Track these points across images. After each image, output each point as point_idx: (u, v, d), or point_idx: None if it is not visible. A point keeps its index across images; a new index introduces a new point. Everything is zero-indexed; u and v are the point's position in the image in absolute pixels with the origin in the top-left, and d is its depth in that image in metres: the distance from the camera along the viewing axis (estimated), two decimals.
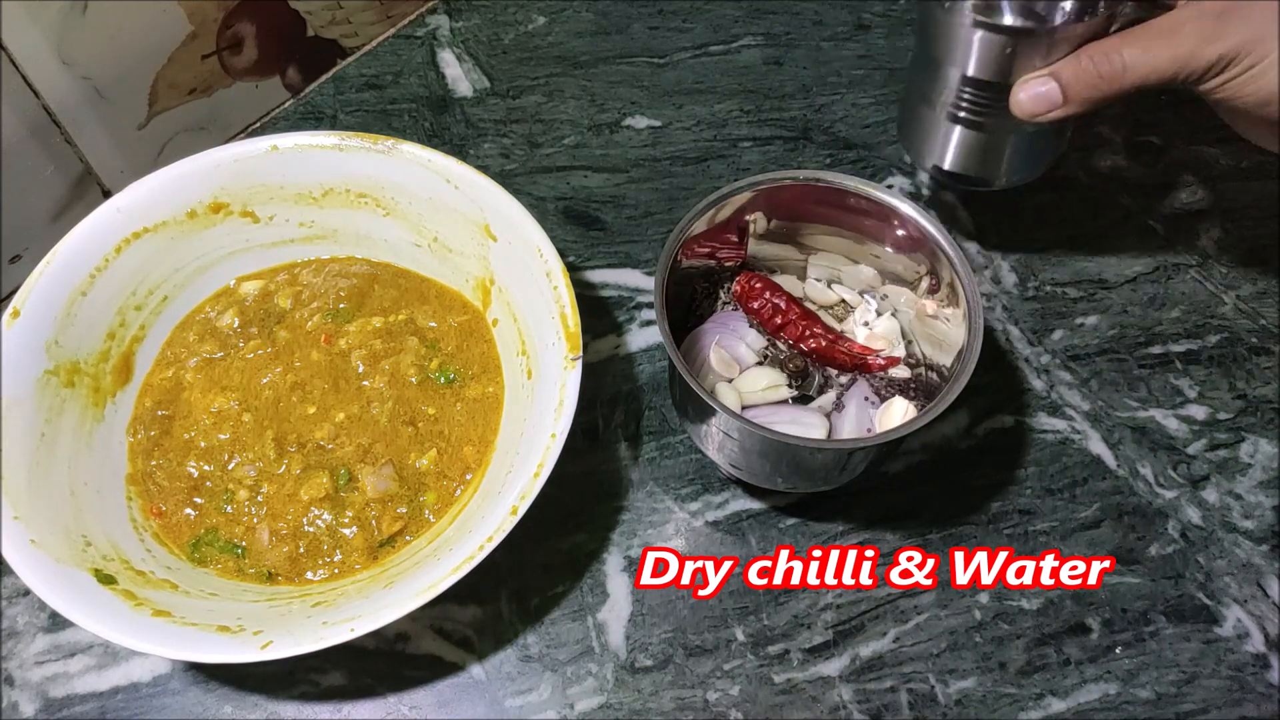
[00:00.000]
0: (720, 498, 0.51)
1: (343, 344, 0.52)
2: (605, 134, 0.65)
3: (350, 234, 0.55)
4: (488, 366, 0.52)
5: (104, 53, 0.57)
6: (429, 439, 0.50)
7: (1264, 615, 0.48)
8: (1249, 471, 0.52)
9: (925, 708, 0.46)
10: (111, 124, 0.60)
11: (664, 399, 0.54)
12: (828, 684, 0.46)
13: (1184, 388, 0.54)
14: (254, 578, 0.47)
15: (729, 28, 0.70)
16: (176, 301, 0.53)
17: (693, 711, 0.46)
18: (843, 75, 0.67)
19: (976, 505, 0.51)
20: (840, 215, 0.49)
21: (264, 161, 0.52)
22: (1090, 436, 0.53)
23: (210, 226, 0.53)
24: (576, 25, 0.70)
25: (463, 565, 0.41)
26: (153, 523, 0.48)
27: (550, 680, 0.47)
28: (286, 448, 0.49)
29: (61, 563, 0.42)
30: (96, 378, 0.50)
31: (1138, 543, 0.50)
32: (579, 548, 0.50)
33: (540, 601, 0.49)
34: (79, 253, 0.49)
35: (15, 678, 0.47)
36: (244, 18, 0.63)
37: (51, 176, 0.59)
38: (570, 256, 0.59)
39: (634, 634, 0.48)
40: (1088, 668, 0.47)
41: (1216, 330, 0.56)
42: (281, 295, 0.54)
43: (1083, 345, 0.56)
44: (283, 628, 0.41)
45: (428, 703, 0.46)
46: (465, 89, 0.67)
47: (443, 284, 0.55)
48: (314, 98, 0.67)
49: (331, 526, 0.47)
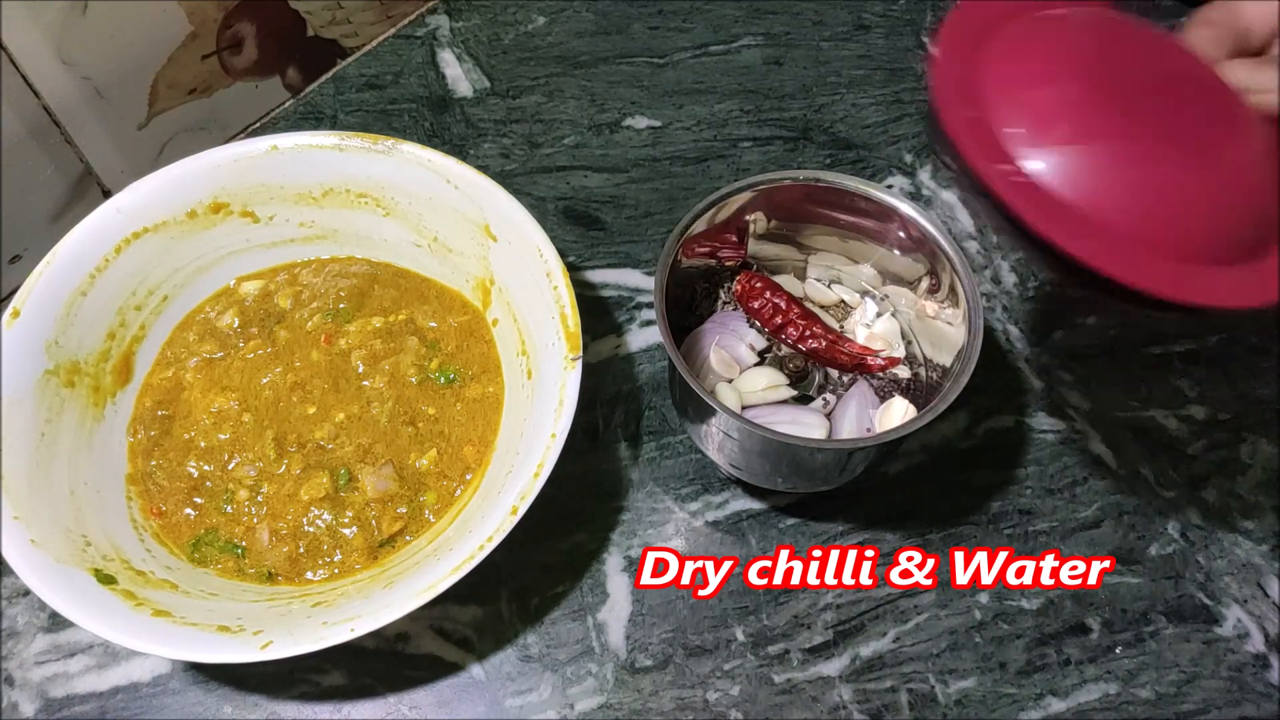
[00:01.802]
0: (720, 498, 0.51)
1: (343, 344, 0.52)
2: (605, 134, 0.65)
3: (350, 234, 0.55)
4: (488, 366, 0.52)
5: (104, 53, 0.57)
6: (429, 439, 0.50)
7: (1264, 615, 0.48)
8: (1249, 471, 0.52)
9: (925, 708, 0.46)
10: (111, 124, 0.60)
11: (664, 399, 0.54)
12: (828, 684, 0.46)
13: (1184, 388, 0.54)
14: (254, 578, 0.47)
15: (729, 28, 0.70)
16: (176, 301, 0.53)
17: (693, 711, 0.46)
18: (843, 75, 0.67)
19: (976, 505, 0.51)
20: (840, 215, 0.49)
21: (264, 161, 0.52)
22: (1090, 436, 0.53)
23: (210, 226, 0.53)
24: (576, 25, 0.70)
25: (463, 565, 0.41)
26: (153, 523, 0.48)
27: (550, 680, 0.47)
28: (286, 448, 0.49)
29: (61, 563, 0.42)
30: (96, 378, 0.50)
31: (1138, 543, 0.50)
32: (579, 548, 0.50)
33: (540, 601, 0.49)
34: (79, 253, 0.49)
35: (15, 678, 0.47)
36: (244, 18, 0.63)
37: (51, 176, 0.59)
38: (570, 256, 0.59)
39: (634, 634, 0.48)
40: (1088, 668, 0.47)
41: (1216, 330, 0.56)
42: (281, 295, 0.54)
43: (1083, 345, 0.56)
44: (283, 628, 0.41)
45: (428, 703, 0.46)
46: (465, 89, 0.67)
47: (443, 284, 0.55)
48: (314, 98, 0.67)
49: (331, 526, 0.47)
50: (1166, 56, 0.38)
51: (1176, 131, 0.36)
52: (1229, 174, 0.36)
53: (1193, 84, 0.37)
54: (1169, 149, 0.35)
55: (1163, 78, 0.37)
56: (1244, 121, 0.37)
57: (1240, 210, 0.36)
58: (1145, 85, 0.37)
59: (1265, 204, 0.37)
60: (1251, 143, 0.37)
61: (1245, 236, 0.36)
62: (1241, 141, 0.37)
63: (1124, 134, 0.35)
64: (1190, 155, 0.35)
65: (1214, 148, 0.36)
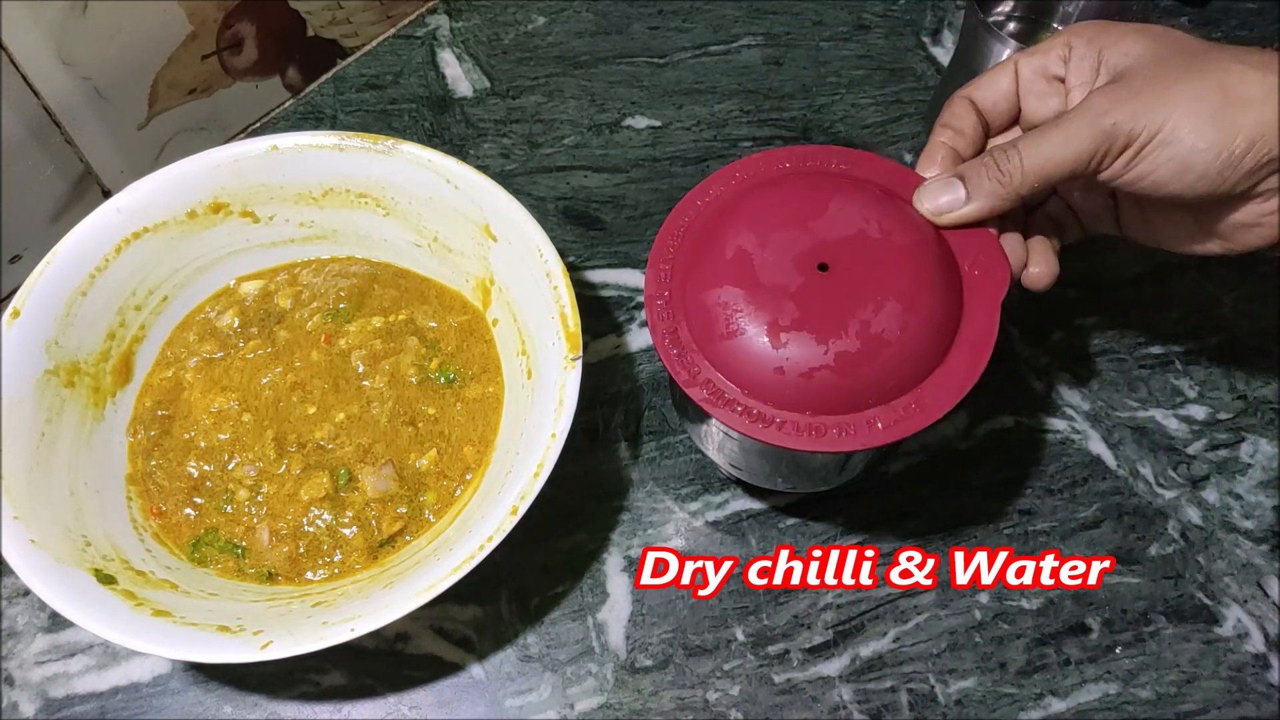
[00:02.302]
0: (720, 498, 0.51)
1: (343, 344, 0.52)
2: (605, 134, 0.65)
3: (350, 234, 0.55)
4: (488, 366, 0.52)
5: (104, 53, 0.57)
6: (429, 439, 0.50)
7: (1264, 615, 0.48)
8: (1249, 471, 0.52)
9: (925, 708, 0.46)
10: (111, 124, 0.60)
11: (664, 399, 0.54)
12: (828, 684, 0.46)
13: (1184, 388, 0.54)
14: (254, 578, 0.47)
15: (729, 28, 0.70)
16: (176, 301, 0.53)
17: (693, 711, 0.46)
18: (843, 75, 0.67)
19: (976, 505, 0.51)
20: None
21: (264, 161, 0.52)
22: (1090, 436, 0.53)
23: (210, 226, 0.53)
24: (576, 25, 0.70)
25: (463, 565, 0.41)
26: (153, 523, 0.48)
27: (550, 680, 0.47)
28: (286, 448, 0.49)
29: (61, 563, 0.42)
30: (96, 378, 0.50)
31: (1138, 543, 0.50)
32: (579, 548, 0.50)
33: (540, 601, 0.49)
34: (79, 253, 0.49)
35: (15, 678, 0.47)
36: (244, 18, 0.63)
37: (51, 176, 0.59)
38: (570, 256, 0.59)
39: (634, 634, 0.48)
40: (1088, 668, 0.47)
41: (1216, 330, 0.56)
42: (281, 295, 0.54)
43: (1083, 345, 0.56)
44: (283, 628, 0.41)
45: (428, 703, 0.46)
46: (465, 89, 0.67)
47: (443, 284, 0.55)
48: (314, 98, 0.67)
49: (331, 526, 0.47)
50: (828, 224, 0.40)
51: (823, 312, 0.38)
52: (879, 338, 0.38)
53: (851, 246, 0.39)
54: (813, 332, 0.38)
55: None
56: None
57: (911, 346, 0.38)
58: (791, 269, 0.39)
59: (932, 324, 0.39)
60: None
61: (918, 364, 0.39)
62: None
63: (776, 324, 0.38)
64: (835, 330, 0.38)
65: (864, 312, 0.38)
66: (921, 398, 0.38)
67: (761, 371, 0.38)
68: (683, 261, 0.42)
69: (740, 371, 0.39)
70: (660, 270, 0.42)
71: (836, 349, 0.37)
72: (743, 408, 0.39)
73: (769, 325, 0.38)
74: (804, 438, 0.38)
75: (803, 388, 0.38)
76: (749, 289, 0.39)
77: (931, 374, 0.39)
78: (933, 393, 0.38)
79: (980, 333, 0.39)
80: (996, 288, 0.40)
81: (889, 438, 0.38)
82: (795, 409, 0.38)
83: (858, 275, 0.39)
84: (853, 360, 0.37)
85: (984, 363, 0.39)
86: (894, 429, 0.38)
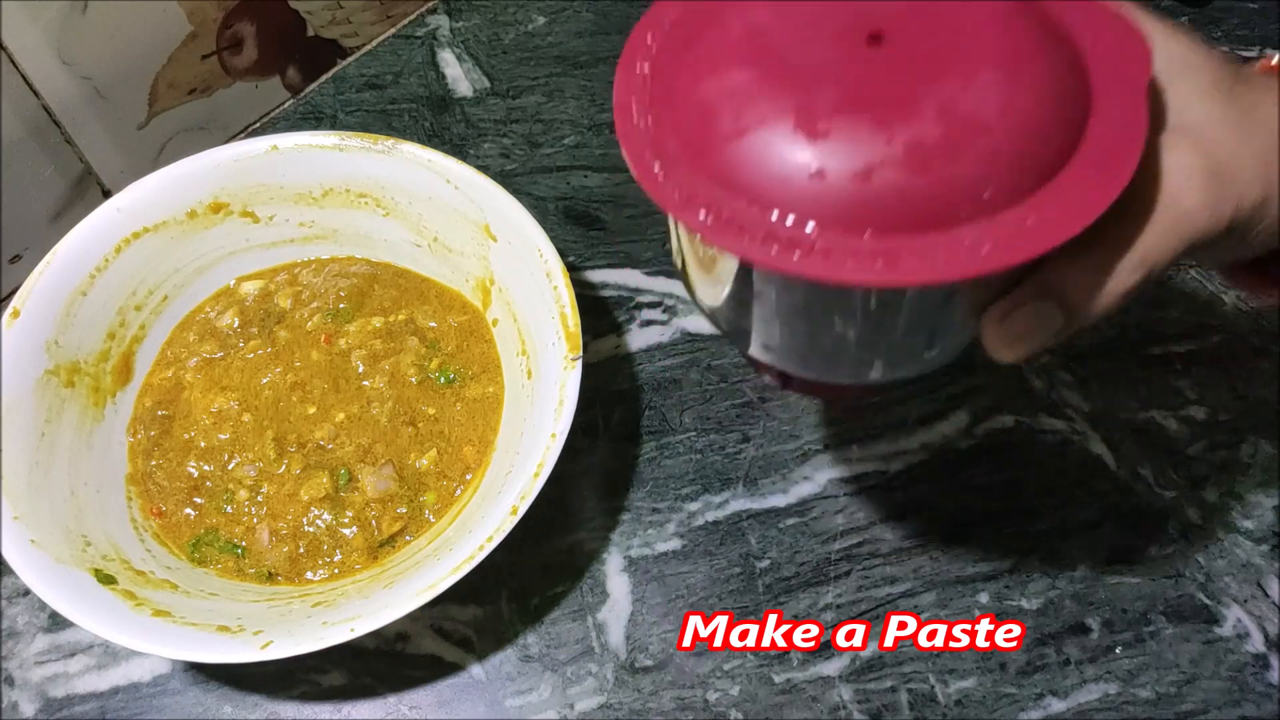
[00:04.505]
0: (720, 498, 0.51)
1: (343, 344, 0.52)
2: (605, 134, 0.65)
3: (350, 234, 0.55)
4: (488, 366, 0.52)
5: (104, 53, 0.57)
6: (429, 439, 0.50)
7: (1264, 615, 0.48)
8: (1249, 471, 0.52)
9: (925, 708, 0.46)
10: (111, 124, 0.60)
11: (664, 399, 0.54)
12: (828, 684, 0.46)
13: (1184, 388, 0.54)
14: (254, 578, 0.47)
15: None
16: (176, 301, 0.53)
17: (693, 711, 0.46)
18: None
19: (976, 505, 0.51)
20: None
21: (264, 161, 0.52)
22: (1090, 437, 0.53)
23: (210, 226, 0.53)
24: (576, 25, 0.70)
25: (463, 565, 0.41)
26: (153, 523, 0.48)
27: (550, 680, 0.47)
28: (286, 448, 0.49)
29: (61, 563, 0.42)
30: (96, 378, 0.50)
31: (1137, 543, 0.50)
32: (579, 548, 0.50)
33: (540, 601, 0.49)
34: (79, 253, 0.49)
35: (15, 678, 0.47)
36: (244, 18, 0.63)
37: (51, 176, 0.59)
38: (570, 256, 0.59)
39: (634, 634, 0.48)
40: (1088, 668, 0.47)
41: (1216, 330, 0.56)
42: (281, 295, 0.54)
43: (1083, 345, 0.56)
44: (283, 628, 0.41)
45: (428, 703, 0.46)
46: (465, 89, 0.67)
47: (443, 284, 0.55)
48: (314, 98, 0.67)
49: (331, 526, 0.47)
50: None
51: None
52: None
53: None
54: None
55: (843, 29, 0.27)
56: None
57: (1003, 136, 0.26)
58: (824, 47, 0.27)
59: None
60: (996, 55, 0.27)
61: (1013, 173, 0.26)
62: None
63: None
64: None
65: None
66: (1042, 209, 0.26)
67: (792, 178, 0.26)
68: (668, 57, 0.29)
69: (759, 183, 0.26)
70: (634, 73, 0.29)
71: (905, 137, 0.25)
72: (765, 231, 0.26)
73: (798, 111, 0.26)
74: (863, 266, 0.25)
75: (856, 197, 0.26)
76: (766, 70, 0.27)
77: (1051, 180, 0.26)
78: (1057, 203, 0.26)
79: (1120, 125, 0.27)
80: (1136, 67, 0.28)
81: (997, 263, 0.25)
82: (847, 229, 0.26)
83: (930, 44, 0.27)
84: (931, 153, 0.25)
85: (1132, 164, 0.26)
86: (1005, 251, 0.25)
